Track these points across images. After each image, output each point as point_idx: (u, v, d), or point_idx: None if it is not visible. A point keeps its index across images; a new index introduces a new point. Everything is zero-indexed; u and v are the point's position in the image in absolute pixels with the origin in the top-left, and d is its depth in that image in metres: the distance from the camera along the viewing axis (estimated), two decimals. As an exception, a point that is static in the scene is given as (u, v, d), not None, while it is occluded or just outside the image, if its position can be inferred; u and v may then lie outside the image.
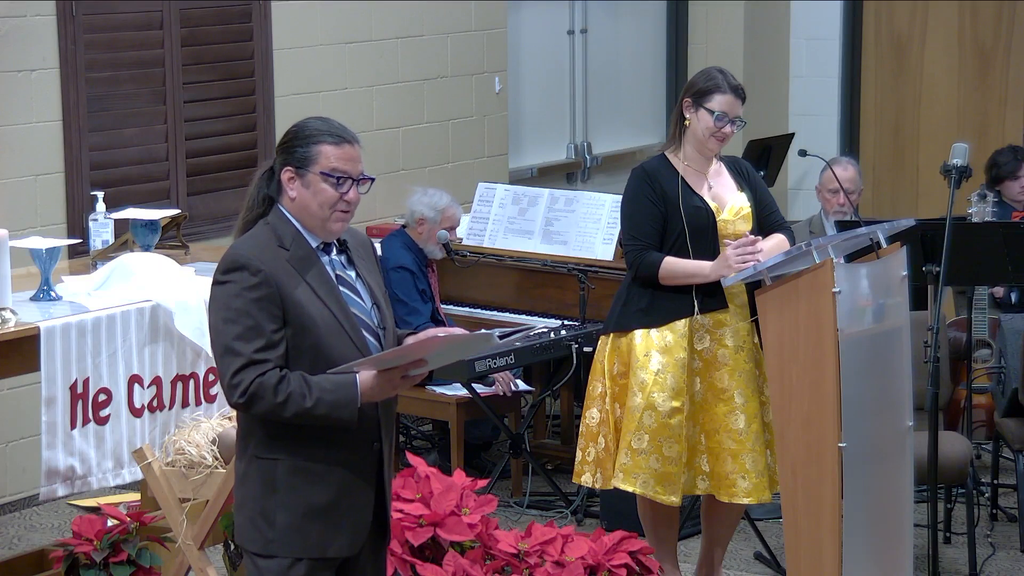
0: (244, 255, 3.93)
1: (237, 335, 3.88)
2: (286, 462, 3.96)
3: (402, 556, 5.42)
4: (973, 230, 6.71)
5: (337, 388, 3.90)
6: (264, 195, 4.05)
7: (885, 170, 11.16)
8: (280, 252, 3.96)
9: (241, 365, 3.87)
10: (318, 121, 4.05)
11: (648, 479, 5.78)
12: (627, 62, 10.69)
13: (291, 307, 3.92)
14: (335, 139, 4.00)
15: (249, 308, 3.89)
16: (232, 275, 3.92)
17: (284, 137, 4.06)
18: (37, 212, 7.27)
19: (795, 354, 5.23)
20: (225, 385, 3.91)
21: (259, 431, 3.98)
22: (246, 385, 3.86)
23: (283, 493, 3.97)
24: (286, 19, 8.21)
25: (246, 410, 3.92)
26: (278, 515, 3.97)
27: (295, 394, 3.86)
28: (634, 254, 5.81)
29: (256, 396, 3.87)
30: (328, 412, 3.89)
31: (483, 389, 7.39)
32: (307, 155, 3.98)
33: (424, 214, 7.63)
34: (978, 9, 10.85)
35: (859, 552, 5.26)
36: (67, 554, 5.63)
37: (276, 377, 3.87)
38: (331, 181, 3.97)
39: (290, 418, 3.88)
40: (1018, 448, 6.77)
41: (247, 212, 4.06)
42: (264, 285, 3.90)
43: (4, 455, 7.29)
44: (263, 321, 3.89)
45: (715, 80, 5.80)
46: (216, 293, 3.96)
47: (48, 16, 7.27)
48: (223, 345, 3.91)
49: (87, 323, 5.54)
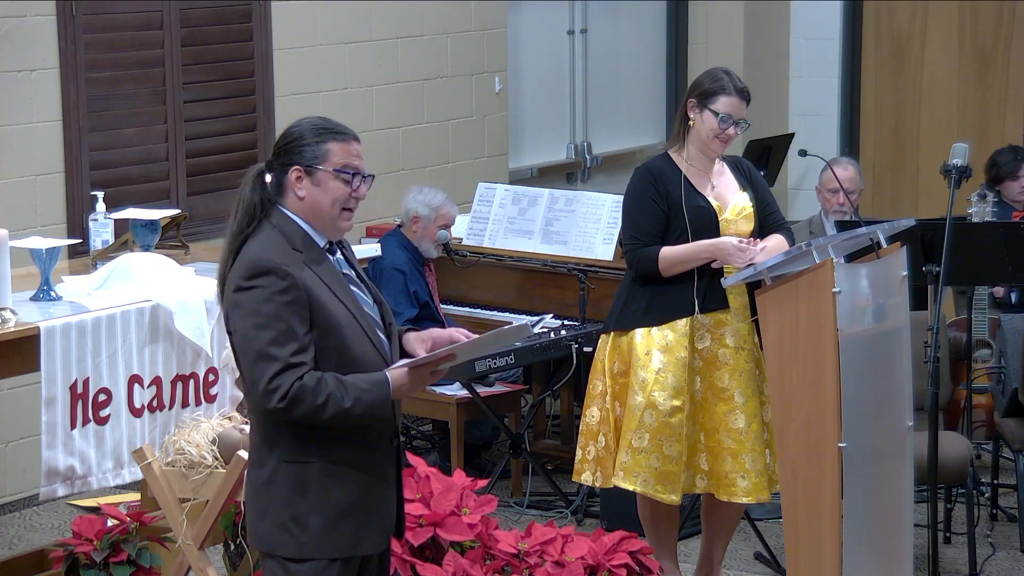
0: (270, 259, 3.92)
1: (271, 340, 3.88)
2: (317, 464, 3.97)
3: (402, 556, 5.42)
4: (973, 230, 6.71)
5: (372, 387, 3.92)
6: (260, 198, 4.02)
7: (885, 170, 11.16)
8: (295, 255, 3.96)
9: (279, 369, 3.87)
10: (320, 120, 4.06)
11: (648, 478, 5.78)
12: (627, 62, 10.69)
13: (317, 309, 3.93)
14: (342, 136, 4.02)
15: (281, 312, 3.89)
16: (260, 279, 3.91)
17: (284, 138, 4.04)
18: (37, 212, 7.27)
19: (795, 354, 5.23)
20: (260, 391, 3.88)
21: (287, 435, 3.97)
22: (286, 389, 3.86)
23: (315, 495, 3.97)
24: (286, 19, 8.21)
25: (285, 415, 3.90)
26: (311, 517, 3.98)
27: (334, 395, 3.88)
28: (634, 252, 5.81)
29: (296, 399, 3.86)
30: (366, 411, 3.91)
31: (483, 389, 7.40)
32: (317, 153, 3.98)
33: (418, 212, 7.66)
34: (978, 9, 10.85)
35: (859, 552, 5.26)
36: (67, 554, 5.63)
37: (314, 379, 3.88)
38: (344, 177, 3.98)
39: (328, 419, 3.90)
40: (1018, 448, 6.77)
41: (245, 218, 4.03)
42: (294, 288, 3.90)
43: (4, 455, 7.29)
44: (295, 325, 3.89)
45: (720, 82, 5.80)
46: (243, 299, 3.93)
47: (48, 16, 7.27)
48: (256, 351, 3.89)
49: (87, 323, 5.54)
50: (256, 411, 4.01)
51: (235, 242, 4.02)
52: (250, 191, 4.04)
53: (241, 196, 4.04)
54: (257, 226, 4.01)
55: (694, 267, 5.77)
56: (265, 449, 4.02)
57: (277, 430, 3.99)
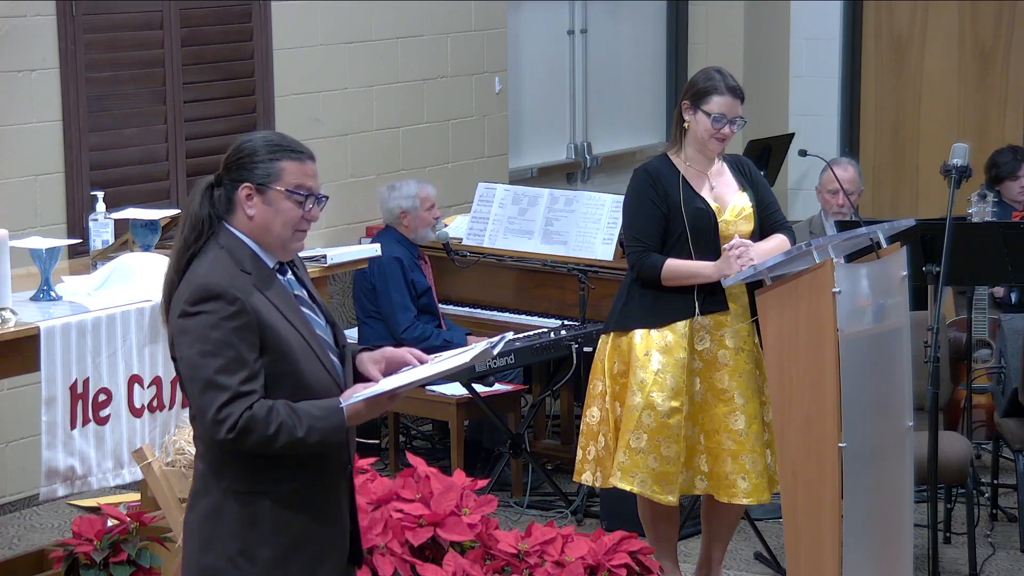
0: (217, 283, 3.73)
1: (219, 368, 3.70)
2: (269, 495, 3.80)
3: (402, 556, 5.41)
4: (973, 230, 6.71)
5: (325, 415, 3.75)
6: (208, 214, 3.83)
7: (885, 170, 11.16)
8: (244, 276, 3.78)
9: (227, 399, 3.69)
10: (275, 136, 3.88)
11: (646, 478, 5.78)
12: (627, 62, 10.69)
13: (268, 334, 3.76)
14: (297, 155, 3.83)
15: (229, 339, 3.70)
16: (207, 304, 3.72)
17: (236, 152, 3.84)
18: (37, 212, 7.27)
19: (795, 354, 5.23)
20: (208, 421, 3.71)
21: (236, 464, 3.80)
22: (235, 419, 3.68)
23: (266, 527, 3.80)
24: (286, 19, 8.21)
25: (235, 445, 3.72)
26: (261, 551, 3.80)
27: (286, 424, 3.71)
28: (636, 255, 5.81)
29: (246, 429, 3.69)
30: (321, 439, 3.74)
31: (483, 389, 7.39)
32: (270, 171, 3.79)
33: (403, 206, 7.73)
34: (978, 9, 10.85)
35: (859, 552, 5.26)
36: (67, 554, 5.63)
37: (264, 408, 3.70)
38: (297, 198, 3.80)
39: (279, 449, 3.72)
40: (1018, 448, 6.77)
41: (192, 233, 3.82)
42: (243, 314, 3.72)
43: (4, 455, 7.29)
44: (244, 351, 3.71)
45: (712, 81, 5.80)
46: (189, 325, 3.73)
47: (48, 16, 7.27)
48: (203, 380, 3.71)
49: (87, 323, 5.54)
50: (203, 439, 3.83)
51: (181, 260, 3.82)
52: (198, 205, 3.82)
53: (189, 210, 3.84)
54: (205, 243, 3.81)
55: None
56: (211, 478, 3.83)
57: (225, 458, 3.80)
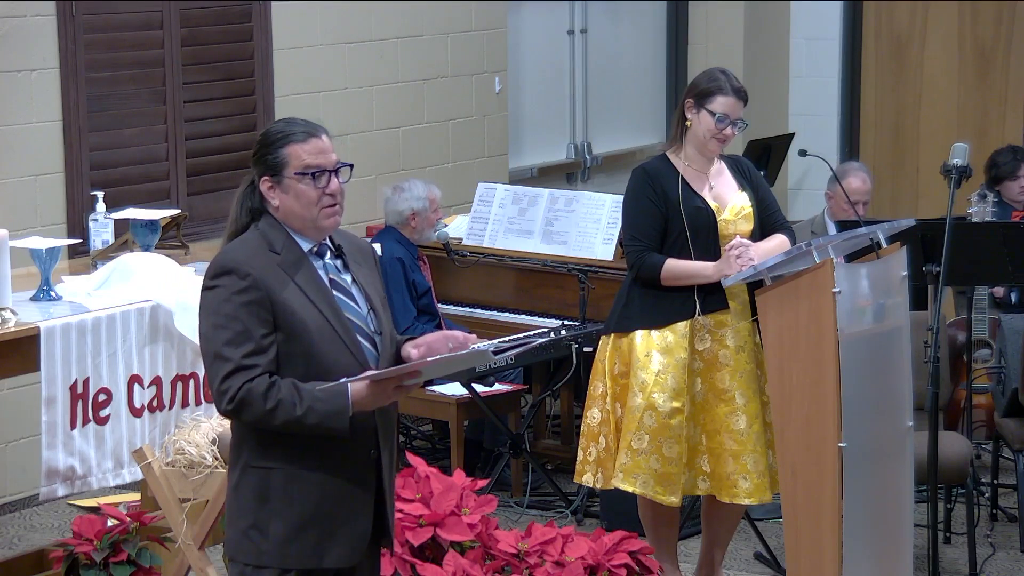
0: (232, 259, 3.87)
1: (226, 340, 3.81)
2: (281, 471, 3.89)
3: (402, 556, 5.42)
4: (973, 230, 6.71)
5: (329, 398, 3.81)
6: (248, 208, 3.97)
7: (885, 170, 11.16)
8: (271, 256, 3.89)
9: (229, 371, 3.80)
10: (281, 123, 3.99)
11: (648, 479, 5.78)
12: (627, 62, 10.69)
13: (281, 311, 3.85)
14: (301, 136, 3.93)
15: (238, 312, 3.82)
16: (220, 279, 3.86)
17: (254, 148, 3.99)
18: (37, 212, 7.27)
19: (795, 354, 5.23)
20: (214, 391, 3.84)
21: (252, 439, 3.90)
22: (234, 391, 3.79)
23: (277, 502, 3.89)
24: (286, 19, 8.21)
25: (235, 417, 3.85)
26: (271, 525, 3.90)
27: (285, 402, 3.79)
28: (635, 255, 5.81)
29: (244, 402, 3.79)
30: (319, 422, 3.81)
31: (483, 389, 7.39)
32: (277, 160, 3.91)
33: (414, 208, 7.72)
34: (978, 9, 10.85)
35: (859, 552, 5.26)
36: (67, 554, 5.64)
37: (265, 383, 3.80)
38: (307, 179, 3.91)
39: (279, 426, 3.81)
40: (1018, 448, 6.77)
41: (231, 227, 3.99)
42: (253, 289, 3.83)
43: (4, 455, 7.29)
44: (252, 326, 3.82)
45: (717, 81, 5.80)
46: (205, 299, 3.89)
47: (48, 16, 7.27)
48: (212, 351, 3.84)
49: (87, 323, 5.54)
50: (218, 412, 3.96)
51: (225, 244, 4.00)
52: (238, 203, 4.00)
53: (232, 207, 4.01)
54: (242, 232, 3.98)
55: None
56: (235, 452, 3.97)
57: (243, 433, 3.93)
